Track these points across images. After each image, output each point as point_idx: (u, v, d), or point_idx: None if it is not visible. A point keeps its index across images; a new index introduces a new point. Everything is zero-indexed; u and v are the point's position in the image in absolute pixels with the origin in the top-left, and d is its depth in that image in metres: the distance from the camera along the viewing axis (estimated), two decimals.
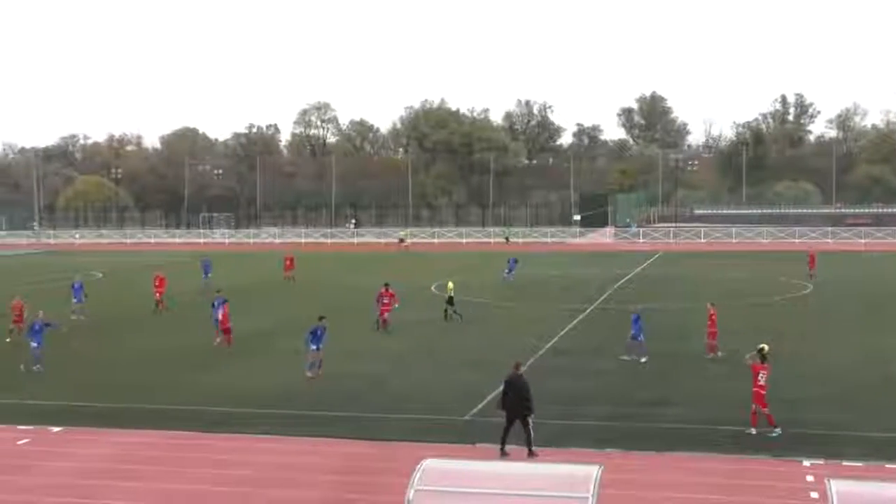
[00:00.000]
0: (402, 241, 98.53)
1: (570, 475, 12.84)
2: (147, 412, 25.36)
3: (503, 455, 20.44)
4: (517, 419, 20.71)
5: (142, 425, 23.97)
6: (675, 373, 29.93)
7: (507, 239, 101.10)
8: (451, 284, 42.96)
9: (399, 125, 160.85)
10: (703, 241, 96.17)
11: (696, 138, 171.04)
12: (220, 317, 35.32)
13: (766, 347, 23.35)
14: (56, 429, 23.87)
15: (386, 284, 39.94)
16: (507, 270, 58.01)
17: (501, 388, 21.63)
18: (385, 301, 38.91)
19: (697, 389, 27.66)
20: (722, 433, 22.58)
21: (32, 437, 23.22)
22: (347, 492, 18.91)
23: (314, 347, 29.46)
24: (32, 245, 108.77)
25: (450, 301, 41.63)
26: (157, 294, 45.56)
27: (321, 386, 28.13)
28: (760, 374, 22.48)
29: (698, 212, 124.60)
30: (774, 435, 22.05)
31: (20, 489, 19.21)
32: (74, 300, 43.46)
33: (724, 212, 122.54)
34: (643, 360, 31.20)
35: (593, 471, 12.53)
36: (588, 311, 44.16)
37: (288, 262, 60.40)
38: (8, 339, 36.82)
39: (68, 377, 30.17)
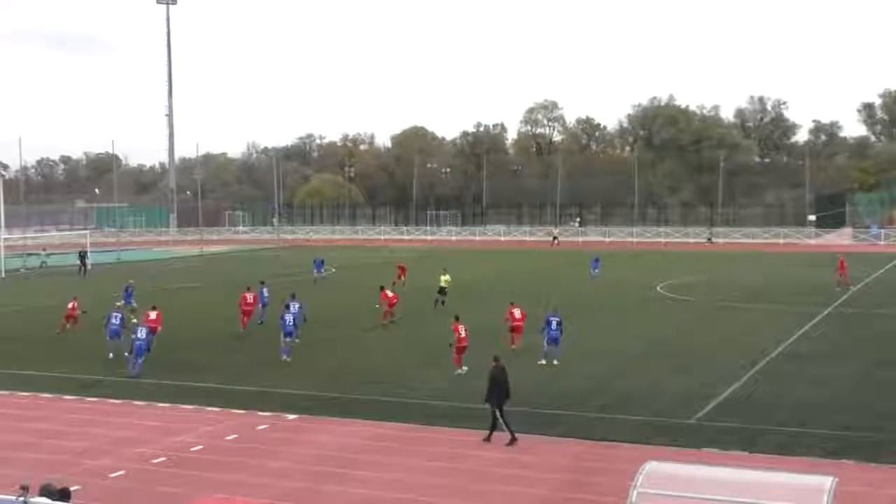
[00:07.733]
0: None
1: (801, 485, 12.30)
2: (375, 404, 26.17)
3: (487, 440, 22.20)
4: (500, 408, 22.23)
5: (371, 416, 24.74)
6: None
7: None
8: (446, 277, 46.34)
9: (626, 123, 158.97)
10: None
11: None
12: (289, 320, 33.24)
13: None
14: (291, 416, 25.03)
15: (381, 287, 42.17)
16: (594, 269, 59.66)
17: (488, 383, 22.59)
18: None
19: None
20: None
21: (270, 423, 24.39)
22: (570, 491, 18.87)
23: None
24: (272, 241, 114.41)
25: (441, 291, 45.35)
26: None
27: (548, 385, 28.14)
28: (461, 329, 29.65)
29: None
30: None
31: (259, 472, 20.21)
32: (125, 303, 43.47)
33: None
34: (555, 362, 30.99)
35: (827, 482, 11.97)
36: (824, 314, 42.27)
37: (399, 271, 54.79)
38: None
39: (304, 368, 31.50)
